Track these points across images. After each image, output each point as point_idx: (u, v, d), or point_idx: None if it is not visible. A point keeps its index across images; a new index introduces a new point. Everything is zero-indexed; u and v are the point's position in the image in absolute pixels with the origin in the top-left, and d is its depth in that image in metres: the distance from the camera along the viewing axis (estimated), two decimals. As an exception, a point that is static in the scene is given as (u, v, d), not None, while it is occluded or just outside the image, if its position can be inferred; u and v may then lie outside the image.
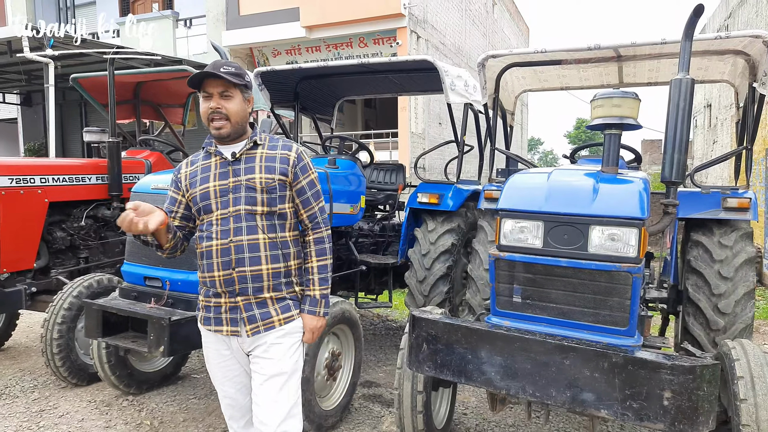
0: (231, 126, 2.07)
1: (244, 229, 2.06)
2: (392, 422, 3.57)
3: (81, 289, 3.95)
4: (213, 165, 2.12)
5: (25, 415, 3.57)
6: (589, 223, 2.40)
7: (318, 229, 2.23)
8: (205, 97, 2.06)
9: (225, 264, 2.05)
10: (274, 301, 2.11)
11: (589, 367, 2.13)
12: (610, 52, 4.12)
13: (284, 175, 2.11)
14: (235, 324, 2.09)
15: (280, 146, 2.17)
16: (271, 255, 2.09)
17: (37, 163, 4.40)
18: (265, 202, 2.08)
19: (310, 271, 2.21)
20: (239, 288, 2.06)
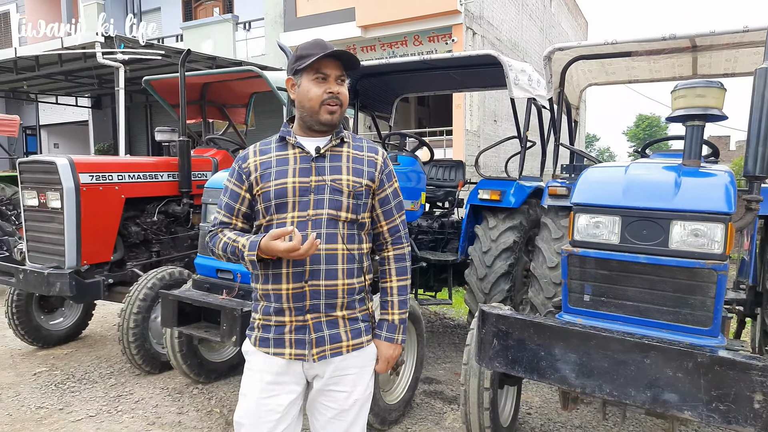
0: (340, 114, 1.83)
1: (324, 237, 1.77)
2: (455, 419, 3.55)
3: (155, 281, 4.14)
4: (292, 158, 1.82)
5: (104, 400, 3.77)
6: (670, 218, 2.31)
7: (399, 244, 1.97)
8: (318, 80, 1.78)
9: (296, 276, 1.76)
10: (346, 321, 1.84)
11: (672, 366, 2.04)
12: (685, 42, 3.95)
13: (372, 181, 1.87)
14: (301, 347, 1.79)
15: (366, 147, 1.92)
16: (348, 269, 1.81)
17: (114, 161, 4.63)
18: (351, 209, 1.82)
19: (389, 292, 1.95)
20: (310, 304, 1.78)
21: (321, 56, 1.74)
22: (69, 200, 4.17)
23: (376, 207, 1.91)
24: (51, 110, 17.84)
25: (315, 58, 1.74)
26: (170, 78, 5.76)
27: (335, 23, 12.92)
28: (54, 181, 4.19)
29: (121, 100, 10.47)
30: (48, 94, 15.66)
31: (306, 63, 1.75)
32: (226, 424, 3.41)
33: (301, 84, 1.80)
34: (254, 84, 6.24)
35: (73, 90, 15.35)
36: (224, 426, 3.38)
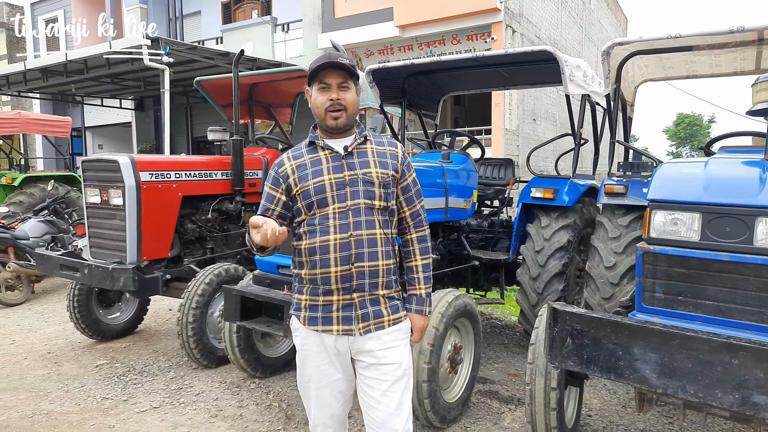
0: (347, 117, 2.02)
1: (363, 224, 1.99)
2: (513, 419, 3.51)
3: (212, 277, 4.22)
4: (324, 159, 2.04)
5: (165, 392, 3.86)
6: (755, 214, 2.23)
7: (421, 226, 2.20)
8: (322, 89, 2.00)
9: (344, 259, 1.96)
10: (386, 299, 2.05)
11: (764, 368, 1.97)
12: (753, 34, 3.80)
13: (396, 171, 2.10)
14: (348, 323, 1.99)
15: (387, 143, 2.15)
16: (386, 251, 2.04)
17: (173, 160, 4.74)
18: (383, 197, 2.05)
19: (414, 270, 2.18)
20: (356, 284, 1.98)
21: (318, 67, 1.98)
22: (130, 197, 4.29)
23: (399, 195, 2.14)
24: (96, 112, 18.38)
25: (314, 69, 1.99)
26: (221, 79, 5.87)
27: (373, 23, 12.96)
28: (116, 179, 4.31)
29: (167, 101, 10.71)
30: (94, 96, 16.14)
31: (310, 75, 2.02)
32: (286, 418, 3.45)
33: (311, 94, 2.06)
34: (300, 84, 6.29)
35: (117, 92, 15.79)
36: (285, 420, 3.42)
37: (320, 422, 2.12)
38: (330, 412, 2.10)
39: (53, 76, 12.62)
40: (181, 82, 13.38)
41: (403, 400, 2.04)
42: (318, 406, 2.10)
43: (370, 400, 2.03)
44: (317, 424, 2.14)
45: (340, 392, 2.09)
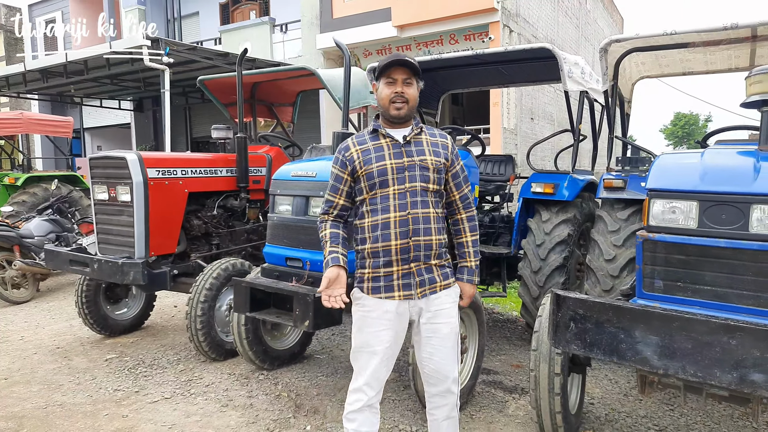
0: (408, 109, 2.32)
1: (419, 204, 2.30)
2: (517, 407, 3.59)
3: (219, 272, 4.30)
4: (385, 146, 2.34)
5: (176, 384, 3.93)
6: (750, 201, 2.33)
7: (470, 208, 2.53)
8: (389, 83, 2.31)
9: (403, 234, 2.28)
10: (438, 267, 2.36)
11: (760, 347, 2.06)
12: (746, 31, 3.91)
13: (446, 160, 2.41)
14: (408, 288, 2.31)
15: (438, 135, 2.46)
16: (438, 227, 2.35)
17: (179, 157, 4.82)
18: (436, 181, 2.35)
19: (465, 245, 2.51)
20: (413, 255, 2.29)
21: (388, 63, 2.28)
22: (138, 194, 4.36)
23: (449, 180, 2.45)
24: (95, 113, 18.42)
25: (384, 65, 2.29)
26: (223, 78, 5.94)
27: (371, 23, 13.04)
28: (124, 175, 4.38)
29: (167, 101, 10.76)
30: (93, 97, 16.18)
31: (379, 70, 2.31)
32: (296, 407, 3.53)
33: (378, 87, 2.36)
34: (301, 83, 6.39)
35: (116, 93, 15.83)
36: (294, 409, 3.50)
37: (365, 383, 2.35)
38: (376, 375, 2.36)
39: (53, 77, 12.66)
40: (180, 82, 13.44)
41: (452, 353, 2.42)
42: (366, 370, 2.35)
43: (425, 354, 2.41)
44: (362, 384, 2.36)
45: (388, 358, 2.37)
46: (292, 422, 3.33)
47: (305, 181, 3.55)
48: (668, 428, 3.26)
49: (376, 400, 2.40)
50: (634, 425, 3.31)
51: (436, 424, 2.54)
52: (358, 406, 2.37)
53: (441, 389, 2.44)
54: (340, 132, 4.49)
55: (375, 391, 2.38)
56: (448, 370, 2.41)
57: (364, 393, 2.36)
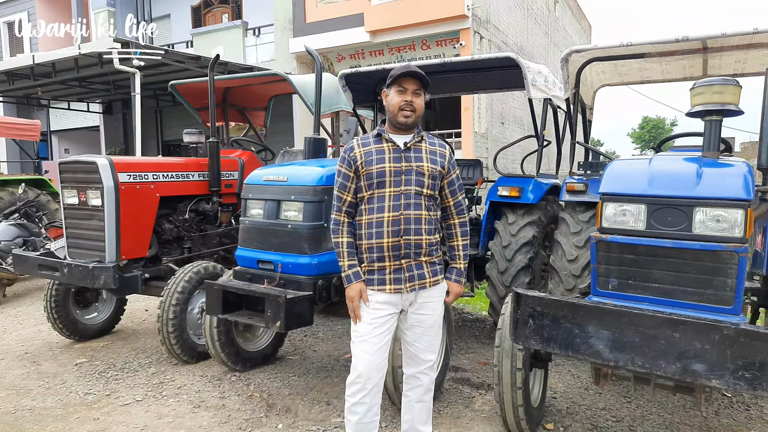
0: (415, 118, 2.53)
1: (412, 206, 2.51)
2: (483, 402, 3.73)
3: (191, 275, 4.33)
4: (386, 149, 2.55)
5: (147, 386, 3.96)
6: (693, 205, 2.50)
7: (462, 214, 2.74)
8: (400, 92, 2.50)
9: (395, 233, 2.49)
10: (428, 264, 2.58)
11: (700, 339, 2.22)
12: (697, 43, 4.14)
13: (442, 168, 2.61)
14: (398, 283, 2.53)
15: (438, 144, 2.67)
16: (428, 228, 2.55)
17: (150, 161, 4.83)
18: (430, 186, 2.56)
19: (456, 248, 2.73)
20: (404, 253, 2.51)
21: (400, 74, 2.49)
22: (109, 198, 4.38)
23: (444, 187, 2.66)
24: (63, 116, 18.07)
25: (397, 75, 2.49)
26: (195, 82, 5.96)
27: (344, 28, 13.15)
28: (95, 180, 4.39)
29: (137, 104, 10.68)
30: (61, 99, 15.89)
31: (392, 79, 2.50)
32: (268, 407, 3.59)
33: (388, 94, 2.56)
34: (274, 87, 6.45)
35: (85, 96, 15.59)
36: (266, 408, 3.57)
37: (361, 373, 2.52)
38: (375, 362, 2.53)
39: (19, 79, 12.43)
40: (151, 85, 13.33)
41: (434, 341, 2.68)
42: (365, 358, 2.52)
43: (410, 339, 2.66)
44: (359, 375, 2.52)
45: (381, 347, 2.55)
46: (264, 421, 3.40)
47: (277, 186, 3.63)
48: (625, 419, 3.43)
49: (377, 392, 2.57)
50: (593, 417, 3.47)
51: (409, 406, 2.75)
52: (359, 398, 2.53)
53: (418, 370, 2.69)
54: (312, 137, 4.60)
55: (373, 382, 2.53)
56: (427, 355, 2.67)
57: (363, 384, 2.53)
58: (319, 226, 3.52)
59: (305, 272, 3.47)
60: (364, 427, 2.57)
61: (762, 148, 3.06)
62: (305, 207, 3.49)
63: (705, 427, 3.35)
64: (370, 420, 2.57)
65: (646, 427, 3.34)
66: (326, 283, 3.53)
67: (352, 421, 2.56)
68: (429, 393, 2.77)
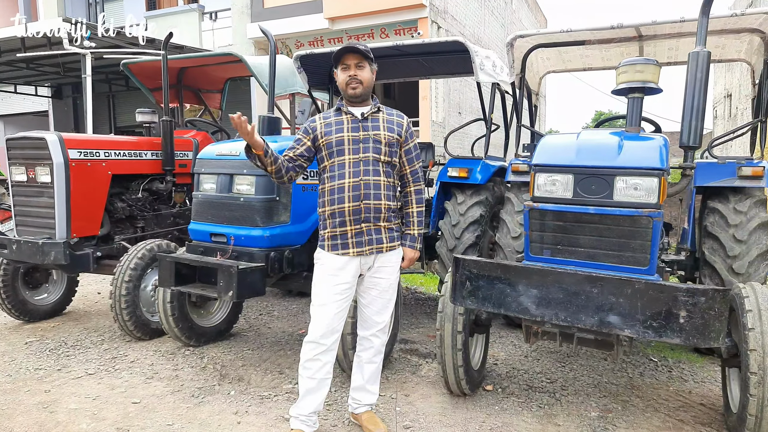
0: (362, 89, 2.69)
1: (371, 172, 2.67)
2: (429, 369, 3.92)
3: (144, 252, 4.36)
4: (345, 121, 2.72)
5: (100, 361, 3.99)
6: (614, 174, 2.73)
7: (418, 182, 2.89)
8: (344, 68, 2.68)
9: (355, 197, 2.64)
10: (386, 230, 2.73)
11: (615, 293, 2.45)
12: (631, 31, 4.41)
13: (399, 136, 2.77)
14: (360, 246, 2.68)
15: (396, 115, 2.83)
16: (386, 194, 2.71)
17: (102, 139, 4.81)
18: (387, 153, 2.71)
19: (411, 215, 2.88)
20: (364, 216, 2.66)
21: (339, 51, 2.66)
22: (59, 175, 4.35)
23: (402, 156, 2.82)
24: (9, 99, 17.39)
25: (338, 53, 2.66)
26: (148, 62, 5.92)
27: (303, 14, 13.10)
28: (44, 156, 4.35)
29: (89, 88, 10.41)
30: (6, 82, 15.28)
31: (335, 59, 2.68)
32: (221, 376, 3.68)
33: (337, 74, 2.73)
34: (229, 69, 6.45)
35: (33, 79, 15.04)
36: (219, 378, 3.66)
37: (320, 334, 2.67)
38: (332, 324, 2.69)
39: (-40, 59, 11.92)
40: (103, 68, 12.97)
41: (388, 304, 2.85)
42: (323, 320, 2.67)
43: (365, 301, 2.83)
44: (318, 336, 2.67)
45: (341, 310, 2.71)
46: (216, 389, 3.50)
47: (229, 160, 3.71)
48: (559, 380, 3.68)
49: (331, 351, 2.72)
50: (530, 380, 3.71)
51: (360, 366, 2.91)
52: (312, 355, 2.69)
53: (370, 332, 2.86)
54: (266, 116, 4.66)
55: (329, 341, 2.69)
56: (380, 317, 2.84)
57: (318, 343, 2.68)
58: (272, 199, 3.62)
59: (258, 244, 3.57)
60: (317, 383, 2.71)
61: (683, 127, 3.32)
62: (257, 180, 3.58)
63: (630, 385, 3.63)
64: (323, 377, 2.72)
65: (576, 386, 3.59)
66: (278, 255, 3.64)
67: (305, 376, 2.70)
68: (379, 355, 2.93)
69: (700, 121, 2.98)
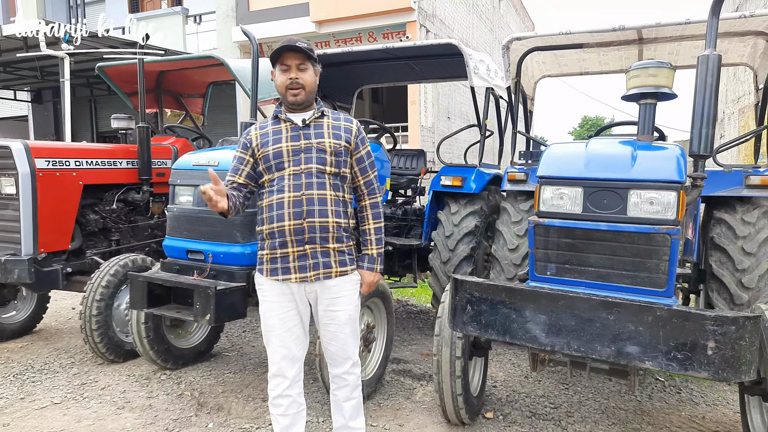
0: (305, 94, 2.33)
1: (315, 185, 2.29)
2: (424, 393, 3.66)
3: (117, 268, 4.05)
4: (284, 129, 2.35)
5: (68, 388, 3.67)
6: (628, 187, 2.49)
7: (374, 194, 2.51)
8: (284, 70, 2.31)
9: (296, 214, 2.26)
10: (336, 252, 2.34)
11: (634, 321, 2.21)
12: (632, 33, 4.21)
13: (348, 143, 2.39)
14: (303, 270, 2.30)
15: (343, 118, 2.46)
16: (335, 210, 2.33)
17: (72, 147, 4.51)
18: (333, 164, 2.34)
19: (367, 233, 2.49)
20: (308, 237, 2.28)
21: (279, 50, 2.28)
22: (24, 186, 4.05)
23: (353, 165, 2.44)
24: (-14, 104, 16.90)
25: (277, 51, 2.27)
26: (125, 65, 5.63)
27: (289, 18, 12.84)
28: (8, 166, 4.04)
29: (67, 91, 10.07)
30: (-18, 87, 14.84)
31: (273, 57, 2.29)
32: (198, 405, 3.39)
33: (275, 74, 2.35)
34: (211, 73, 6.18)
35: (11, 83, 14.60)
36: (197, 407, 3.37)
37: (278, 367, 2.39)
38: (291, 354, 2.39)
39: (-67, 62, 11.49)
40: (84, 72, 12.60)
41: (351, 338, 2.46)
42: (280, 351, 2.38)
43: (325, 338, 2.46)
44: (280, 368, 2.39)
45: (298, 336, 2.41)
46: (193, 420, 3.21)
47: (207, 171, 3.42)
48: (563, 405, 3.44)
49: (298, 383, 2.45)
50: (532, 404, 3.46)
51: (338, 405, 2.57)
52: (280, 391, 2.40)
53: (341, 371, 2.50)
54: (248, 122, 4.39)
55: (292, 373, 2.41)
56: (347, 353, 2.47)
57: (282, 377, 2.40)
58: (252, 213, 3.34)
59: (238, 262, 3.29)
60: (291, 419, 2.44)
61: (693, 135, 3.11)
62: (237, 193, 3.30)
63: (639, 410, 3.40)
64: (296, 411, 2.45)
65: (582, 412, 3.35)
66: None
67: (276, 414, 2.43)
68: (357, 389, 2.58)
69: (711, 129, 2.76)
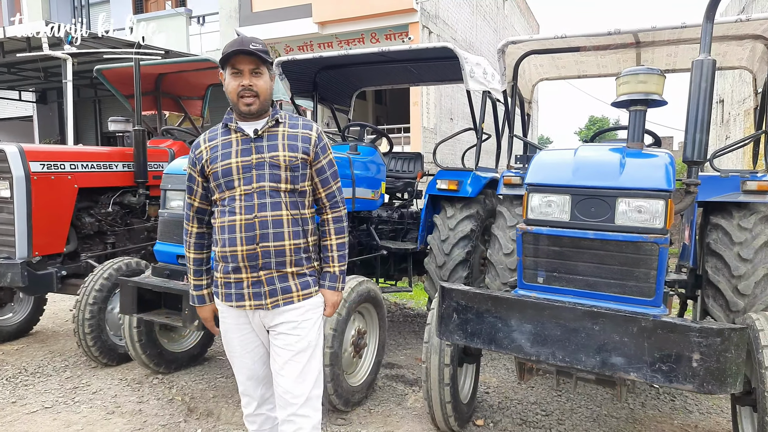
0: (260, 103, 2.07)
1: (269, 206, 2.05)
2: (416, 399, 3.64)
3: (111, 272, 4.06)
4: (234, 141, 2.09)
5: (60, 392, 3.68)
6: (616, 195, 2.46)
7: (336, 208, 2.26)
8: (235, 74, 2.04)
9: (249, 239, 2.03)
10: (295, 276, 2.11)
11: (619, 331, 2.19)
12: (629, 37, 4.17)
13: (306, 154, 2.13)
14: (258, 298, 2.07)
15: (301, 125, 2.17)
16: (293, 231, 2.09)
17: (67, 150, 4.51)
18: (289, 180, 2.08)
19: (329, 249, 2.24)
20: (262, 263, 2.05)
21: (230, 53, 2.00)
22: (19, 189, 4.05)
23: (314, 176, 2.20)
24: (-8, 104, 17.02)
25: (226, 54, 2.01)
26: (123, 68, 5.63)
27: (292, 19, 12.85)
28: (3, 169, 4.06)
29: (70, 92, 10.11)
30: (-12, 87, 14.93)
31: (223, 59, 2.03)
32: (188, 410, 3.39)
33: (225, 77, 2.08)
34: (210, 75, 6.16)
35: (16, 83, 14.68)
36: (186, 413, 3.36)
37: (247, 386, 2.25)
38: (255, 375, 2.23)
39: (-62, 63, 11.57)
40: (88, 73, 12.63)
41: (307, 370, 2.11)
42: (243, 372, 2.22)
43: (276, 368, 2.13)
44: (246, 387, 2.25)
45: (260, 357, 2.22)
46: (182, 426, 3.20)
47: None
48: (554, 413, 3.42)
49: (267, 400, 2.28)
50: (523, 411, 3.44)
51: None
52: (251, 410, 2.28)
53: (288, 413, 2.09)
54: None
55: (258, 393, 2.26)
56: (298, 391, 2.09)
57: (249, 396, 2.27)
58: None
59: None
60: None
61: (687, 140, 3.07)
62: (227, 199, 3.30)
63: (631, 418, 3.37)
64: (270, 427, 2.32)
65: (574, 420, 3.33)
66: (251, 278, 3.35)
67: (252, 430, 2.31)
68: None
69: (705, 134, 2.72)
